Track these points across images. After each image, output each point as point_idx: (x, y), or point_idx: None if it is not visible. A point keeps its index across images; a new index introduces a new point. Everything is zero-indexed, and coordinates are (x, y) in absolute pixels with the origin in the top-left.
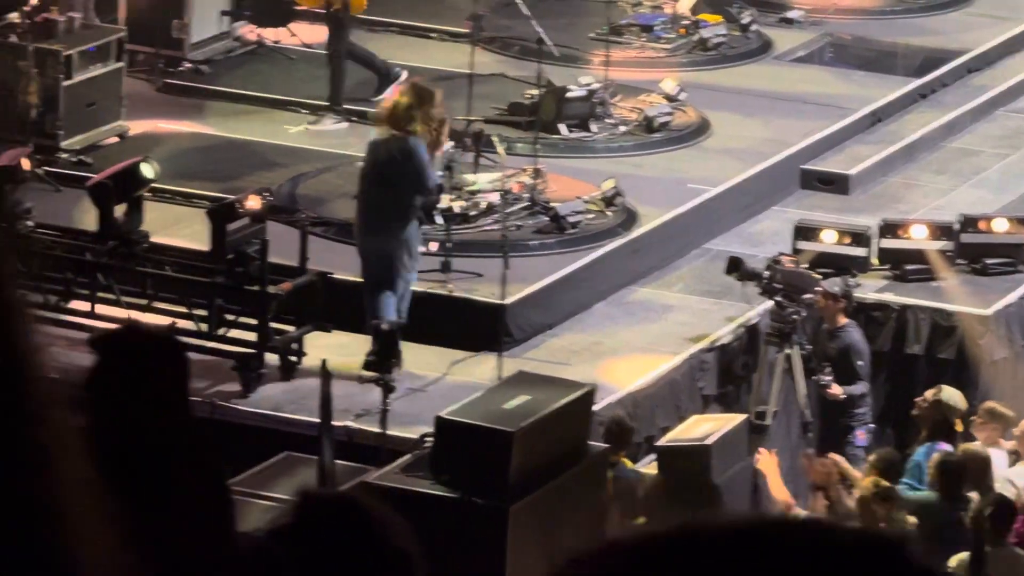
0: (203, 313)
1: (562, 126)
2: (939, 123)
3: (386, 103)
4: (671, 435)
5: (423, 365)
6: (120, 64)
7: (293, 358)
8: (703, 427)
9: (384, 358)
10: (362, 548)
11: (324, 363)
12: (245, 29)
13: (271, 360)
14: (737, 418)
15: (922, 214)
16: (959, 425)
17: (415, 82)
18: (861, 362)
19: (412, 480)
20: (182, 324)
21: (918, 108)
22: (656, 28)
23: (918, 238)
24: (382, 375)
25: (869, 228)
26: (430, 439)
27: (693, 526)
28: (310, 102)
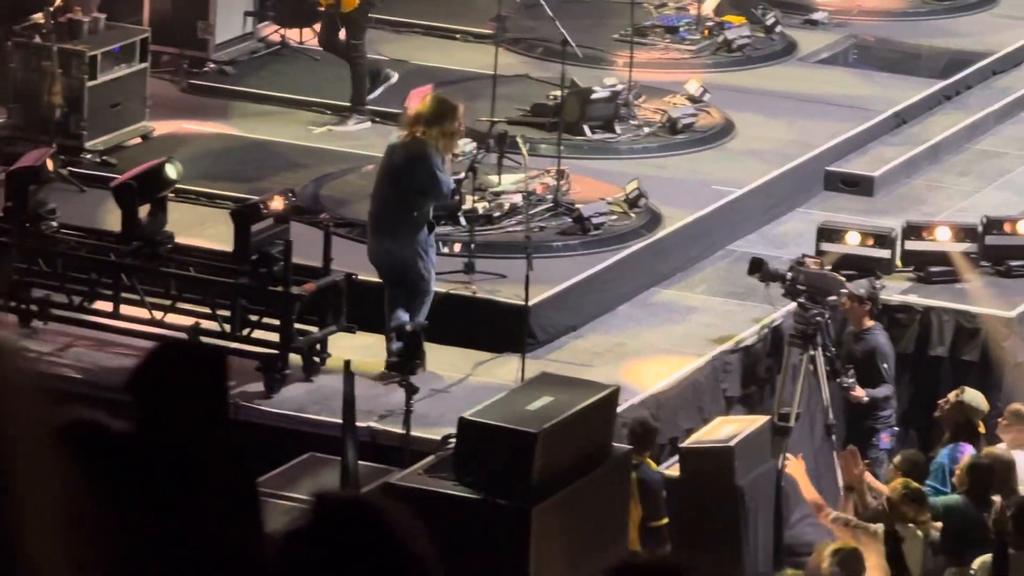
0: (227, 314)
1: (586, 127)
2: (963, 125)
3: (411, 109)
4: (694, 437)
5: (446, 366)
6: (144, 65)
7: (317, 359)
8: (726, 429)
9: (408, 359)
10: (378, 551)
11: (348, 364)
12: (269, 30)
13: (295, 361)
14: (760, 420)
15: (946, 216)
16: (982, 427)
17: (439, 95)
18: (886, 365)
19: (435, 481)
20: (206, 325)
21: (942, 110)
22: (680, 29)
23: (942, 240)
24: (405, 376)
25: (893, 230)
26: (453, 440)
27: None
28: (334, 103)
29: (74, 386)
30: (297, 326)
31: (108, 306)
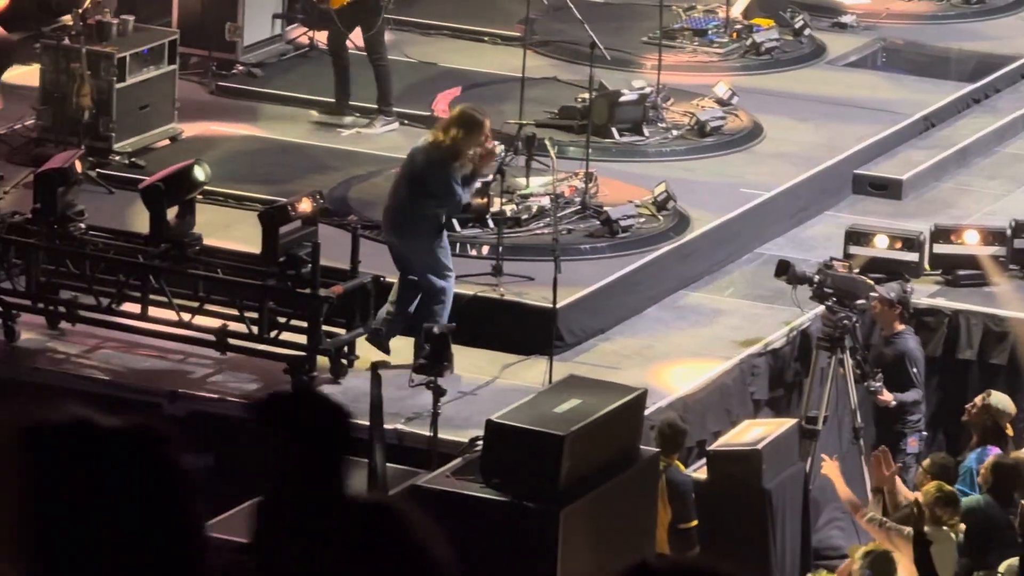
0: (254, 316)
1: (614, 130)
2: (992, 128)
3: (442, 119)
4: (722, 439)
5: (474, 368)
6: (173, 67)
7: (344, 361)
8: (754, 432)
9: (435, 361)
10: (398, 555)
11: (375, 366)
12: (298, 32)
13: (322, 363)
14: (788, 423)
15: (974, 219)
16: (1010, 429)
17: (468, 109)
18: (916, 369)
19: (462, 484)
20: (233, 327)
21: (971, 113)
22: (709, 32)
23: (970, 243)
24: (433, 378)
25: (921, 233)
26: (481, 442)
27: None
28: (362, 105)
29: (101, 387)
30: (325, 328)
31: (136, 308)
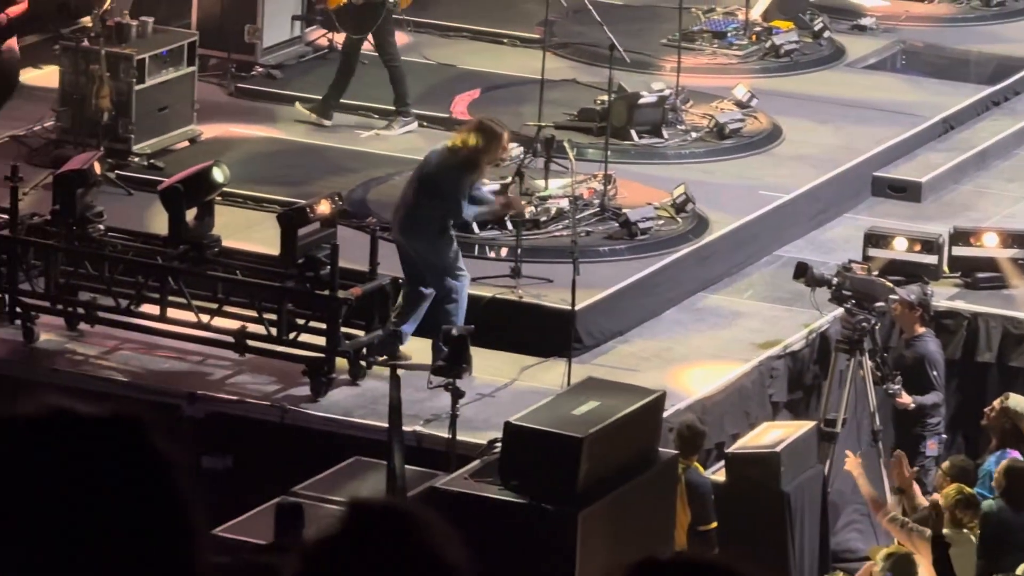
0: (273, 317)
1: (633, 132)
2: (1011, 131)
3: (463, 128)
4: (741, 442)
5: (492, 371)
6: (192, 68)
7: (363, 363)
8: (773, 434)
9: (454, 363)
10: (411, 559)
11: (394, 368)
12: (317, 34)
13: (341, 365)
14: (807, 425)
15: (994, 222)
16: None
17: (487, 122)
18: (935, 372)
19: (481, 486)
20: (252, 328)
21: (990, 116)
22: (728, 34)
23: (990, 246)
24: (451, 380)
25: (940, 236)
26: (499, 445)
27: None
28: (381, 107)
29: (120, 389)
30: (343, 330)
31: (155, 309)
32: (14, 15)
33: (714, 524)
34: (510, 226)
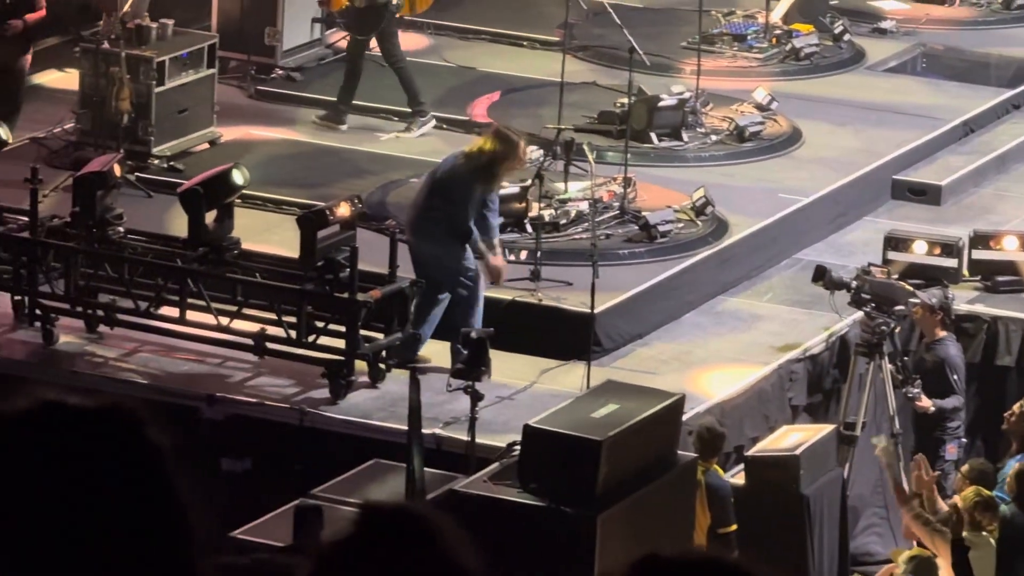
0: (293, 320)
1: (653, 135)
2: None
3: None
4: (760, 445)
5: (512, 373)
6: (212, 71)
7: (382, 366)
8: (792, 437)
9: (473, 366)
10: (423, 563)
11: (413, 371)
12: (337, 36)
13: (360, 367)
14: (826, 428)
15: (1014, 225)
16: None
17: (500, 128)
18: (956, 376)
19: (500, 488)
20: (271, 331)
21: (1011, 119)
22: (748, 37)
23: (1009, 249)
24: (471, 383)
25: (960, 239)
26: (518, 447)
27: None
28: (399, 109)
29: (139, 391)
30: (363, 332)
31: (174, 312)
32: (32, 21)
33: (734, 527)
34: (530, 229)
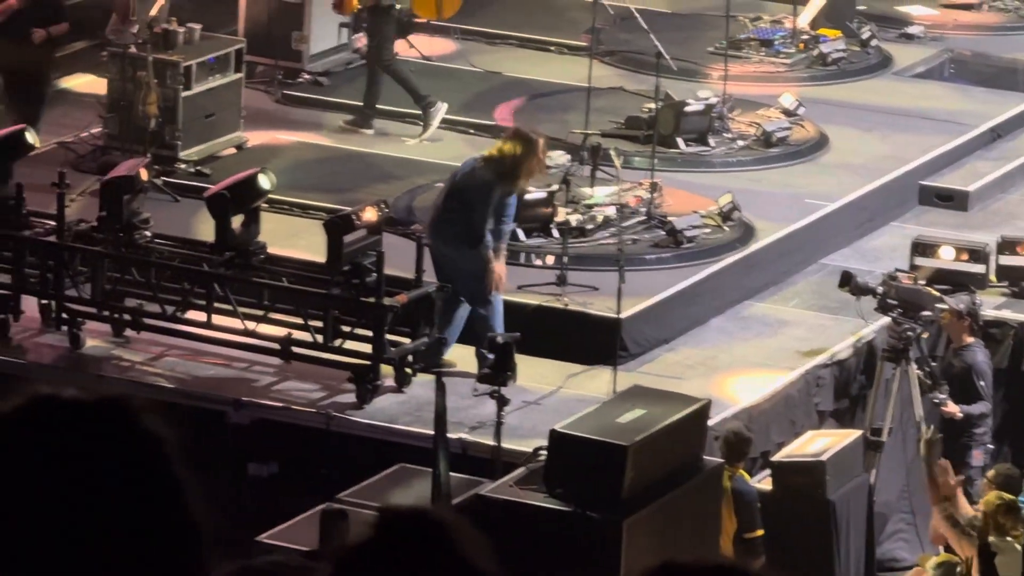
0: (319, 324)
1: (680, 140)
2: None
3: (499, 143)
4: (786, 450)
5: (538, 378)
6: (239, 75)
7: (408, 370)
8: (819, 443)
9: (499, 371)
10: (440, 567)
11: (439, 375)
12: (363, 41)
13: (386, 372)
14: (853, 434)
15: None
16: None
17: (519, 129)
18: (983, 383)
19: (526, 493)
20: (298, 335)
21: None
22: (775, 43)
23: None
24: (497, 388)
25: (987, 245)
26: (544, 452)
27: None
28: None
29: (166, 395)
30: (389, 337)
31: (201, 316)
32: (57, 35)
33: (760, 532)
34: (556, 234)
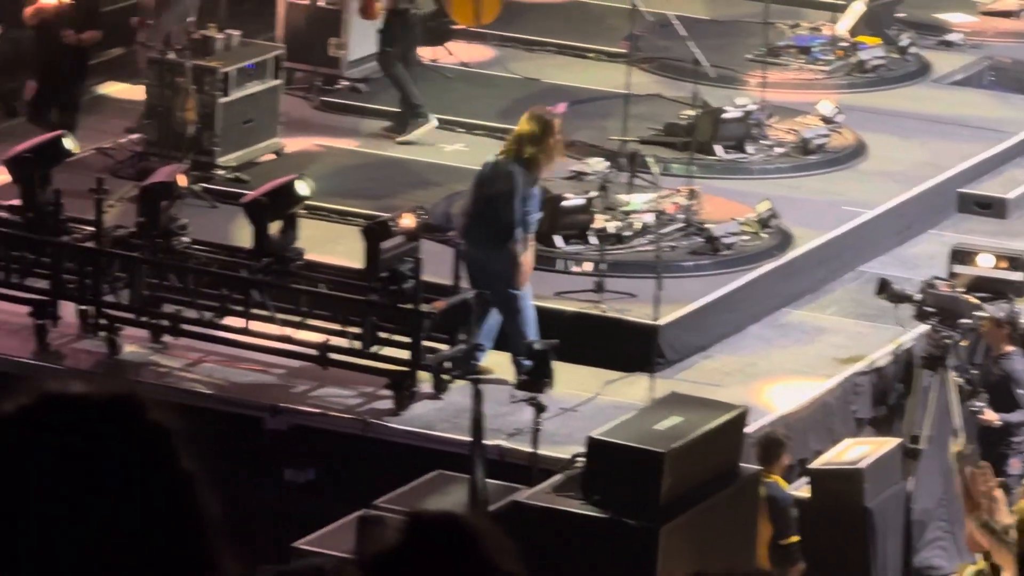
0: (356, 331)
1: (718, 147)
2: None
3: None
4: (824, 458)
5: (575, 385)
6: (278, 82)
7: (446, 376)
8: (856, 450)
9: (537, 378)
10: (468, 571)
11: (476, 382)
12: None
13: (424, 378)
14: (891, 442)
15: None
16: None
17: (537, 113)
18: (1021, 390)
19: (563, 500)
20: (336, 341)
21: None
22: (814, 50)
23: None
24: (534, 394)
25: None
26: (581, 459)
27: None
28: (468, 121)
29: (203, 401)
30: (426, 344)
31: (239, 322)
32: (89, 41)
33: (795, 538)
34: (594, 240)
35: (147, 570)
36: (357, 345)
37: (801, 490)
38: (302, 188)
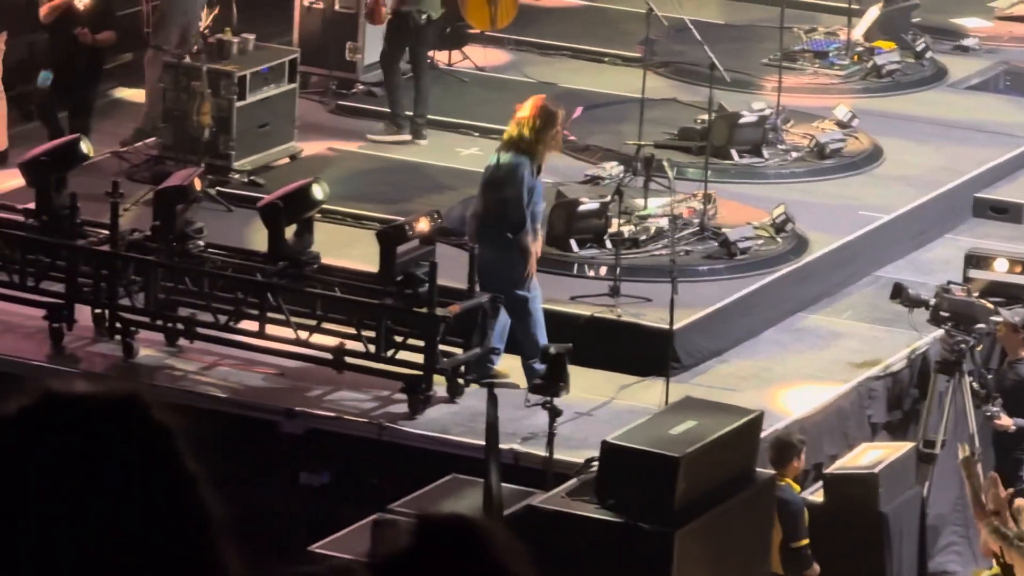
0: (371, 335)
1: (733, 151)
2: None
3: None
4: (839, 462)
5: (590, 389)
6: (293, 86)
7: (461, 380)
8: (871, 455)
9: (551, 382)
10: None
11: (491, 386)
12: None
13: (439, 382)
14: (905, 447)
15: None
16: None
17: (541, 102)
18: None
19: (578, 504)
20: (351, 345)
21: None
22: (830, 54)
23: None
24: (549, 399)
25: None
26: (596, 463)
27: None
28: (483, 125)
29: (219, 405)
30: (441, 348)
31: (254, 325)
32: (103, 42)
33: (806, 541)
34: (609, 245)
35: (149, 571)
36: (372, 349)
37: (815, 494)
38: (318, 192)
